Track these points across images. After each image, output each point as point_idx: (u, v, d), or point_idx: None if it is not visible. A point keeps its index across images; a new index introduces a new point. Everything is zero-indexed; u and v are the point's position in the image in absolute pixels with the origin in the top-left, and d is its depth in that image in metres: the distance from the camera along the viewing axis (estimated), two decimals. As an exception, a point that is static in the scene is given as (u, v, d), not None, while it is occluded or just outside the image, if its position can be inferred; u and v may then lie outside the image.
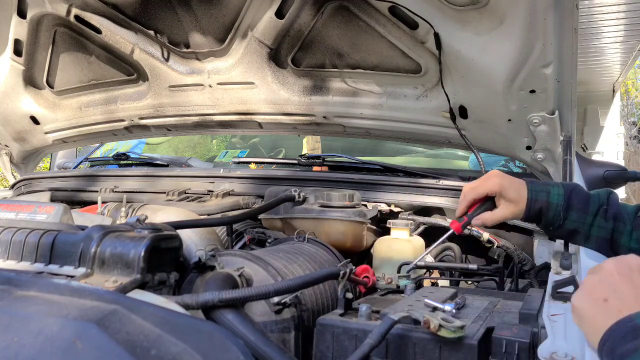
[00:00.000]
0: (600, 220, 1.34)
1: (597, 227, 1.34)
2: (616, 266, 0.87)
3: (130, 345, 0.80)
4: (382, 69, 2.03)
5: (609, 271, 0.87)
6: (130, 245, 1.14)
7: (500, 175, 1.38)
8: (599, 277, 0.87)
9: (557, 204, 1.34)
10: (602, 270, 0.88)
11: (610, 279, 0.85)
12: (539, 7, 1.49)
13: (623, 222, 1.33)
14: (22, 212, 1.35)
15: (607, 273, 0.87)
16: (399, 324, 1.06)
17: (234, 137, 3.98)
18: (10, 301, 0.90)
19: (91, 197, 2.50)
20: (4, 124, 2.73)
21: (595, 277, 0.88)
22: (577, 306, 0.88)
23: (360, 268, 1.50)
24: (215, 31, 2.08)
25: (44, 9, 2.14)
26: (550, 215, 1.35)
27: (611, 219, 1.34)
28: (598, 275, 0.88)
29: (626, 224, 1.33)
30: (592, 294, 0.86)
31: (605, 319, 0.81)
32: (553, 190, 1.36)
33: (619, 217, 1.33)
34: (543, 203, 1.34)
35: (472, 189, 1.39)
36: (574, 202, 1.34)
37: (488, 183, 1.37)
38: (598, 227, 1.34)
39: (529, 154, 1.92)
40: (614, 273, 0.86)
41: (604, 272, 0.87)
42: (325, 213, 1.90)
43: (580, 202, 1.35)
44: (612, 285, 0.84)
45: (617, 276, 0.85)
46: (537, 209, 1.35)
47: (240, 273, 1.31)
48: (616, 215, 1.34)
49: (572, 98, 1.71)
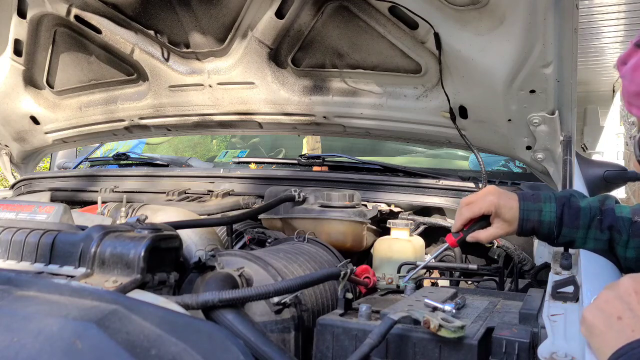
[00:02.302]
0: (596, 232, 1.32)
1: (592, 239, 1.32)
2: (634, 284, 0.85)
3: (130, 345, 0.80)
4: (382, 69, 2.03)
5: (627, 289, 0.85)
6: (130, 245, 1.14)
7: (497, 194, 1.36)
8: (615, 293, 0.86)
9: (549, 222, 1.33)
10: (620, 287, 0.87)
11: (627, 298, 0.84)
12: (539, 7, 1.49)
13: (619, 232, 1.30)
14: (22, 212, 1.35)
15: (624, 291, 0.85)
16: (399, 324, 1.06)
17: (234, 137, 3.97)
18: (10, 301, 0.90)
19: (91, 197, 2.50)
20: (4, 124, 2.73)
21: (611, 293, 0.87)
22: (588, 319, 0.86)
23: (361, 268, 1.50)
24: (215, 31, 2.08)
25: (44, 9, 2.14)
26: (543, 232, 1.34)
27: (607, 229, 1.31)
28: (615, 292, 0.86)
29: (622, 233, 1.30)
30: (606, 310, 0.85)
31: (618, 338, 0.80)
32: (545, 208, 1.34)
33: (614, 228, 1.31)
34: (535, 222, 1.33)
35: (468, 207, 1.38)
36: (565, 217, 1.32)
37: (484, 203, 1.36)
38: (594, 240, 1.32)
39: (529, 154, 1.92)
40: (631, 291, 0.84)
41: (621, 289, 0.86)
42: (325, 213, 1.91)
43: (571, 216, 1.32)
44: (629, 304, 0.83)
45: (634, 295, 0.84)
46: (530, 228, 1.34)
47: (240, 273, 1.31)
48: (611, 226, 1.31)
49: (572, 98, 1.71)
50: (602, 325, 0.84)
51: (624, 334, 0.80)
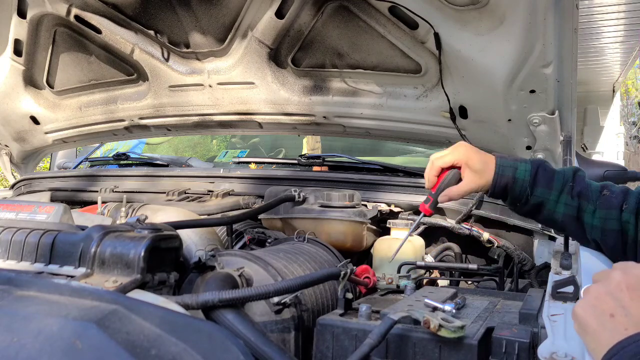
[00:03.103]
0: (567, 197, 1.34)
1: (562, 204, 1.34)
2: (625, 278, 0.83)
3: (130, 345, 0.80)
4: (382, 69, 2.03)
5: (618, 284, 0.83)
6: (130, 245, 1.14)
7: (468, 146, 1.38)
8: (606, 289, 0.84)
9: (523, 180, 1.34)
10: (610, 281, 0.84)
11: (619, 294, 0.82)
12: (539, 7, 1.49)
13: (587, 201, 1.33)
14: (22, 212, 1.35)
15: (615, 286, 0.83)
16: (399, 324, 1.06)
17: (234, 137, 3.98)
18: (10, 301, 0.90)
19: (91, 197, 2.50)
20: (4, 124, 2.73)
21: (602, 288, 0.85)
22: (580, 316, 0.85)
23: (361, 268, 1.50)
24: (215, 31, 2.08)
25: (44, 9, 2.14)
26: (516, 191, 1.35)
27: (576, 196, 1.34)
28: (605, 287, 0.84)
29: (589, 202, 1.33)
30: (597, 307, 0.83)
31: (611, 336, 0.79)
32: (520, 167, 1.36)
33: (584, 195, 1.34)
34: (509, 179, 1.34)
35: (439, 157, 1.39)
36: (540, 178, 1.35)
37: (455, 152, 1.37)
38: (565, 205, 1.34)
39: (529, 154, 1.92)
40: (622, 287, 0.82)
41: (612, 283, 0.84)
42: (326, 213, 1.90)
43: (546, 178, 1.35)
44: (621, 301, 0.81)
45: (627, 291, 0.82)
46: (503, 184, 1.35)
47: (240, 273, 1.31)
48: (581, 193, 1.34)
49: (572, 98, 1.71)
50: (595, 323, 0.82)
51: (617, 332, 0.79)
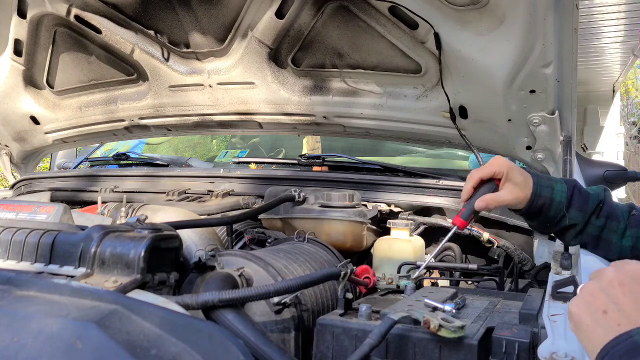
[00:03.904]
0: (594, 218, 1.35)
1: (591, 224, 1.35)
2: (617, 275, 0.84)
3: (130, 345, 0.80)
4: (382, 69, 2.03)
5: (610, 280, 0.83)
6: (130, 245, 1.14)
7: (508, 161, 1.37)
8: (599, 286, 0.84)
9: (560, 202, 1.34)
10: (603, 278, 0.85)
11: (611, 290, 0.82)
12: (539, 7, 1.49)
13: (616, 220, 1.33)
14: (22, 212, 1.35)
15: (608, 282, 0.84)
16: (399, 324, 1.06)
17: (234, 137, 3.98)
18: (10, 301, 0.90)
19: (91, 197, 2.50)
20: (4, 124, 2.73)
21: (595, 285, 0.85)
22: (574, 314, 0.85)
23: (361, 268, 1.50)
24: (215, 31, 2.08)
25: (44, 9, 2.14)
26: (551, 212, 1.35)
27: (604, 216, 1.34)
28: (599, 283, 0.85)
29: (619, 221, 1.33)
30: (591, 304, 0.83)
31: (604, 333, 0.79)
32: (557, 187, 1.35)
33: (612, 215, 1.34)
34: (547, 199, 1.34)
35: (478, 170, 1.36)
36: (575, 200, 1.35)
37: (495, 163, 1.34)
38: (593, 226, 1.35)
39: (529, 154, 1.92)
40: (615, 284, 0.83)
41: (605, 280, 0.84)
42: (325, 213, 1.91)
43: (580, 200, 1.35)
44: (613, 297, 0.81)
45: (619, 287, 0.82)
46: (540, 204, 1.34)
47: (240, 273, 1.31)
48: (609, 214, 1.34)
49: (572, 98, 1.71)
50: (587, 320, 0.83)
51: (610, 329, 0.79)
